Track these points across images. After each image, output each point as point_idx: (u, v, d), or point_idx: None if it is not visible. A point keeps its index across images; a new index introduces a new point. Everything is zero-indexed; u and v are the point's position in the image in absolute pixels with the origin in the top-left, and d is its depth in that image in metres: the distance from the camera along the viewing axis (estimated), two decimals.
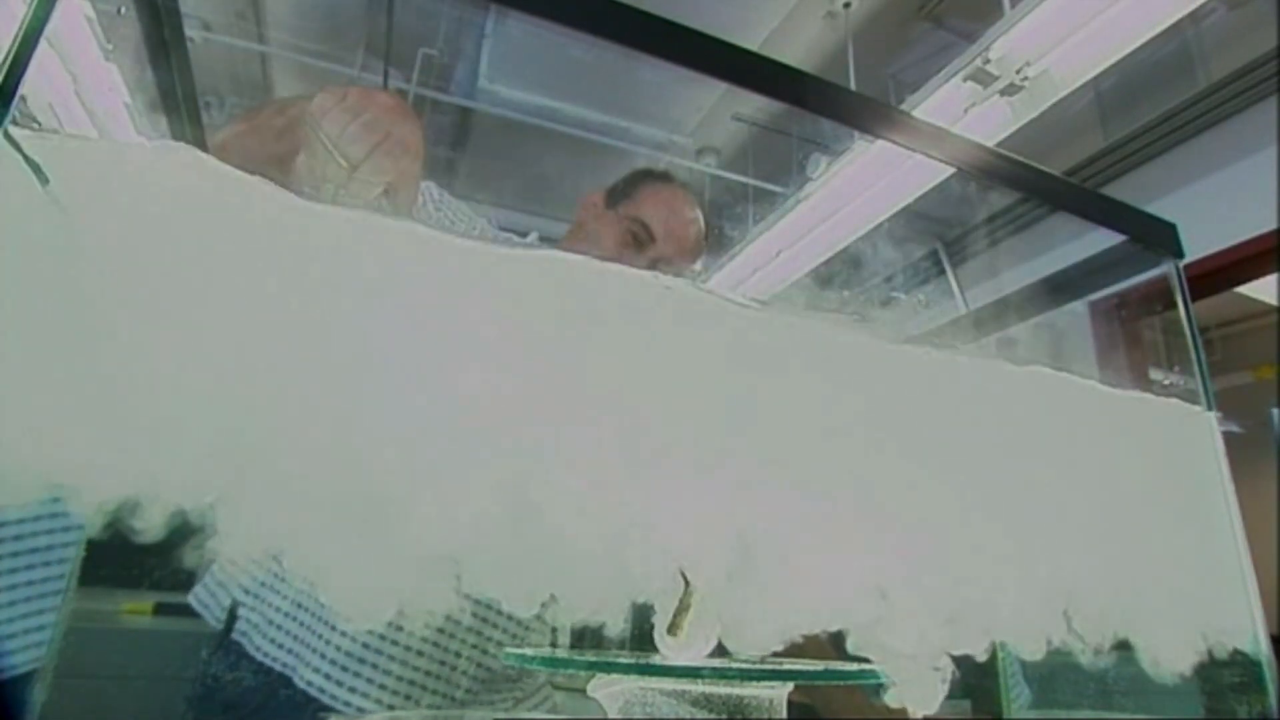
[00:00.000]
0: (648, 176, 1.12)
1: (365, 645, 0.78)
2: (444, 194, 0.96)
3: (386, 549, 0.34)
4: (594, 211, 1.10)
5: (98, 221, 0.33)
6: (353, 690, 0.77)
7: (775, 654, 0.43)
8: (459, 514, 0.35)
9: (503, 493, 0.36)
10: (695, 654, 0.44)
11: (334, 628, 0.79)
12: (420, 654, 0.80)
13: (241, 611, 0.82)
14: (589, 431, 0.39)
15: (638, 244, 1.04)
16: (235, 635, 0.81)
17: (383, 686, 0.78)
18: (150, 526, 0.32)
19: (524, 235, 1.05)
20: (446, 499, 0.35)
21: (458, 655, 0.82)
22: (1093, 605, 0.50)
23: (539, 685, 0.94)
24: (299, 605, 0.80)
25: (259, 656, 0.79)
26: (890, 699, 0.43)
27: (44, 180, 0.32)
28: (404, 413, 0.36)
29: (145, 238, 0.34)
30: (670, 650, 0.44)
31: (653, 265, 0.98)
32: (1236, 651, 0.53)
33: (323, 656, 0.78)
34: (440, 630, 0.81)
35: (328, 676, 0.77)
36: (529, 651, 0.48)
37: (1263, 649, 0.55)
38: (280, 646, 0.80)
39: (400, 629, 0.79)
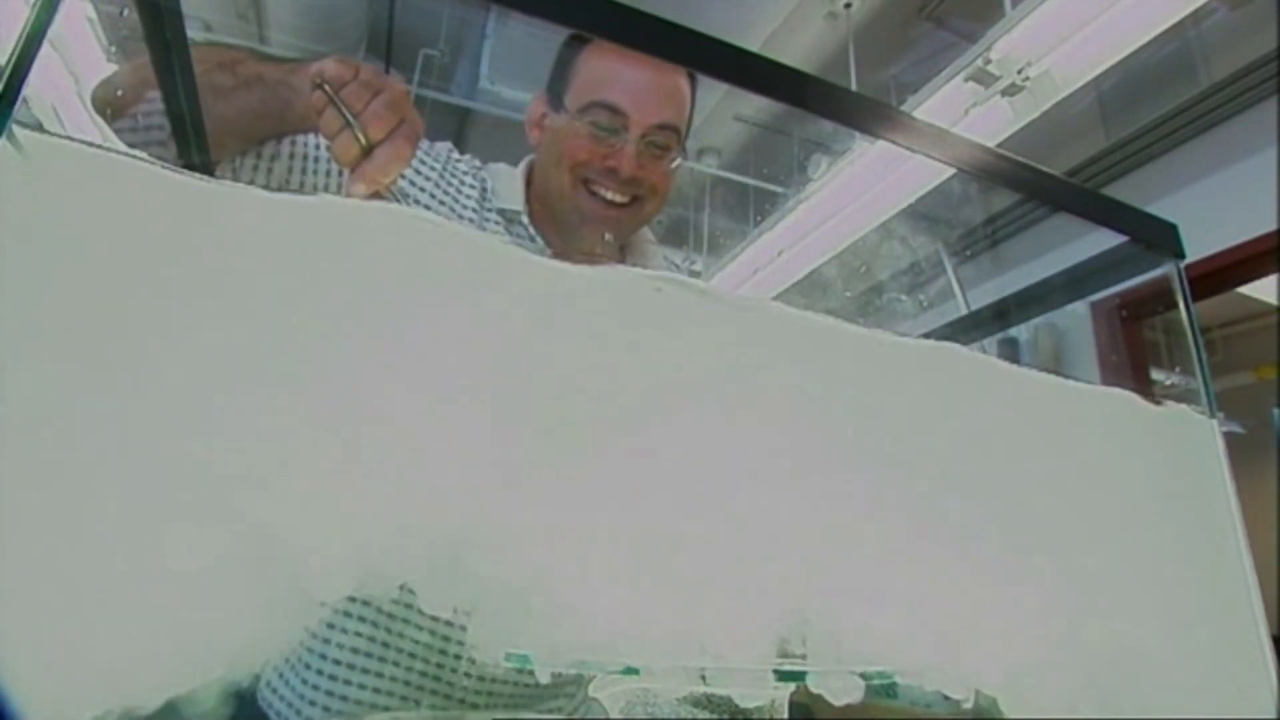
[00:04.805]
0: (583, 40, 0.80)
1: (358, 703, 0.73)
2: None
3: None
4: (541, 126, 0.85)
5: None
6: None
7: None
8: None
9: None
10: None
11: (334, 678, 0.74)
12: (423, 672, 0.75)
13: None
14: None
15: (612, 136, 0.78)
16: None
17: None
18: None
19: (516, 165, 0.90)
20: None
21: (457, 661, 0.78)
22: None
23: (581, 698, 0.83)
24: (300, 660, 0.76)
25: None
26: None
27: None
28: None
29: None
30: None
31: (643, 146, 0.78)
32: None
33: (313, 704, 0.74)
34: (438, 641, 0.77)
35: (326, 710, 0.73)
36: (532, 653, 0.47)
37: (1264, 649, 0.55)
38: (274, 692, 0.76)
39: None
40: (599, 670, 0.39)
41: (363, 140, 0.53)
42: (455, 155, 0.87)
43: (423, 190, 0.81)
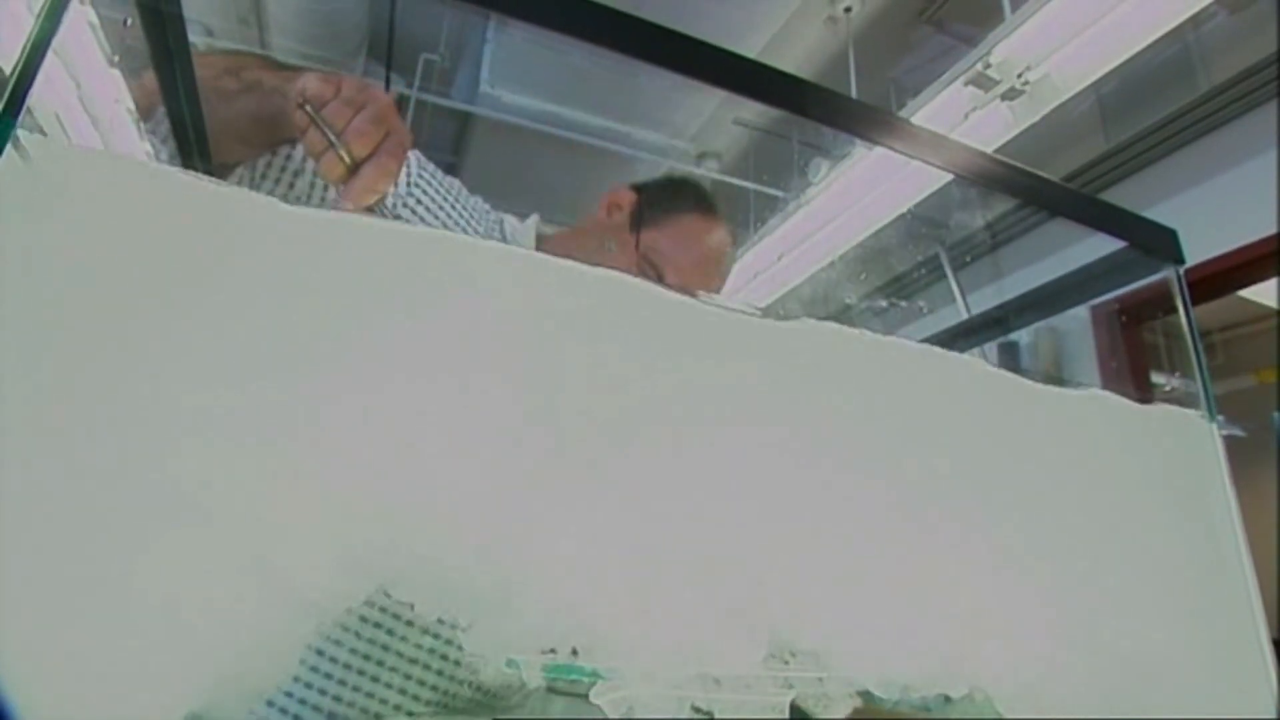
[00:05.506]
0: (685, 206, 0.96)
1: (349, 705, 0.73)
2: (434, 169, 0.86)
3: None
4: (617, 219, 0.96)
5: None
6: None
7: None
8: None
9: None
10: None
11: (329, 676, 0.74)
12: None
13: None
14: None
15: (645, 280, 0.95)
16: None
17: None
18: None
19: (523, 219, 0.98)
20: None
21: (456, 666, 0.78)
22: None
23: (531, 707, 0.83)
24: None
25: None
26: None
27: None
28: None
29: None
30: None
31: None
32: None
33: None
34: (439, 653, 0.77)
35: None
36: (523, 659, 0.47)
37: (1264, 651, 0.55)
38: (269, 704, 0.76)
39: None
40: (550, 673, 0.39)
41: (347, 159, 0.52)
42: (466, 193, 0.91)
43: (440, 207, 0.82)
